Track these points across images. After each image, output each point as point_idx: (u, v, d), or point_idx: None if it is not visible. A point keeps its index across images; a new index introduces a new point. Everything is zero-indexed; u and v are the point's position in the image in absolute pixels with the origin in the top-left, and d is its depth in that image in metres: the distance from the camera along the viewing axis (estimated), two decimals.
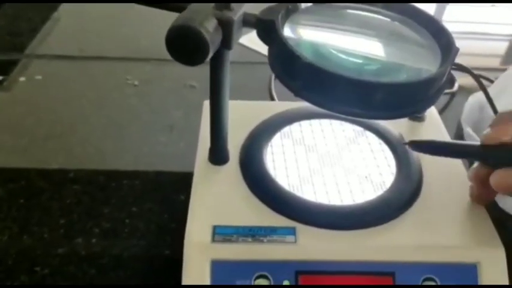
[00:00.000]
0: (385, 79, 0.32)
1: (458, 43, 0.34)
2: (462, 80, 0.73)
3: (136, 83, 0.68)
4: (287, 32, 0.35)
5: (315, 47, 0.34)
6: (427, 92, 0.32)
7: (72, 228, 0.51)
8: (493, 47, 0.87)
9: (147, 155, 0.59)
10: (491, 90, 0.65)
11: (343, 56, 0.33)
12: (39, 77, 0.68)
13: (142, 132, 0.62)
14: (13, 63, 0.70)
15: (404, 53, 0.35)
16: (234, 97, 0.67)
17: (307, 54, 0.32)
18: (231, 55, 0.36)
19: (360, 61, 0.33)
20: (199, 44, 0.31)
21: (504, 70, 0.66)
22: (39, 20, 0.81)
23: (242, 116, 0.46)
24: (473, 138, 0.60)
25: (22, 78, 0.67)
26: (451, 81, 0.73)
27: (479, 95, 0.66)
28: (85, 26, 0.81)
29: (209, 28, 0.31)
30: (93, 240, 0.50)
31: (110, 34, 0.78)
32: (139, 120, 0.63)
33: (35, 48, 0.74)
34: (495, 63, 0.85)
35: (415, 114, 0.31)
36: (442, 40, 0.35)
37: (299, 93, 0.32)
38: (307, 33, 0.35)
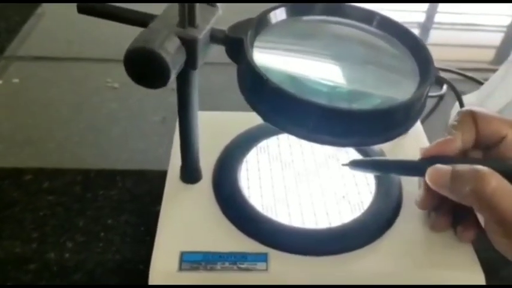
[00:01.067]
0: (357, 104, 0.30)
1: (451, 34, 0.32)
2: (451, 79, 0.71)
3: (116, 85, 0.66)
4: (256, 51, 0.32)
5: (285, 70, 0.32)
6: (403, 117, 0.31)
7: (45, 242, 0.49)
8: (487, 39, 0.85)
9: (125, 162, 0.57)
10: (480, 92, 0.64)
11: (314, 79, 0.31)
12: (17, 80, 0.66)
13: (121, 137, 0.60)
14: None
15: (379, 76, 0.33)
16: (220, 100, 0.65)
17: (276, 76, 0.31)
18: (218, 56, 0.34)
19: (332, 84, 0.31)
20: (159, 68, 0.29)
21: (495, 70, 0.64)
22: (19, 20, 0.79)
23: (219, 128, 0.44)
24: None
25: None
26: (440, 83, 0.71)
27: (468, 98, 0.64)
28: (65, 27, 0.79)
29: (170, 49, 0.29)
30: (67, 255, 0.48)
31: (91, 35, 0.75)
32: (119, 125, 0.61)
33: (13, 50, 0.71)
34: (490, 55, 0.83)
35: (390, 140, 0.30)
36: (421, 58, 0.33)
37: (267, 117, 0.31)
38: (277, 53, 0.33)
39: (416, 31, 0.81)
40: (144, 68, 0.29)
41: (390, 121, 0.30)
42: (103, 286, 0.41)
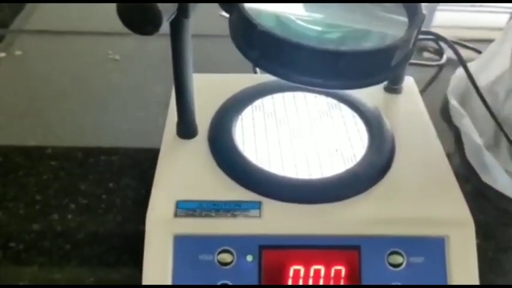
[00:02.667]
0: (345, 47, 0.31)
1: (456, 15, 0.32)
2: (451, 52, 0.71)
3: (117, 57, 0.67)
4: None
5: (274, 17, 0.33)
6: (390, 61, 0.31)
7: (48, 204, 0.51)
8: (493, 20, 0.84)
9: (126, 131, 0.58)
10: (480, 61, 0.64)
11: (303, 24, 0.32)
12: (19, 53, 0.67)
13: (122, 108, 0.61)
14: None
15: (368, 21, 0.33)
16: (216, 72, 0.66)
17: (267, 23, 0.31)
18: (214, 28, 0.35)
19: (320, 29, 0.32)
20: (151, 13, 0.29)
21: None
22: None
23: (214, 89, 0.45)
24: (458, 111, 0.58)
25: (2, 54, 0.66)
26: (439, 53, 0.71)
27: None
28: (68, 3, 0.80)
29: None
30: (69, 216, 0.50)
31: (92, 8, 0.76)
32: (120, 96, 0.62)
33: (18, 25, 0.73)
34: (496, 36, 0.82)
35: (377, 84, 0.30)
36: (410, 7, 0.34)
37: (257, 63, 0.31)
38: (268, 1, 0.34)
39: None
40: (136, 13, 0.29)
41: (376, 63, 0.30)
42: (103, 286, 0.42)
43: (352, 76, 0.30)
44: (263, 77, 0.47)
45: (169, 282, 0.34)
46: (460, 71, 0.64)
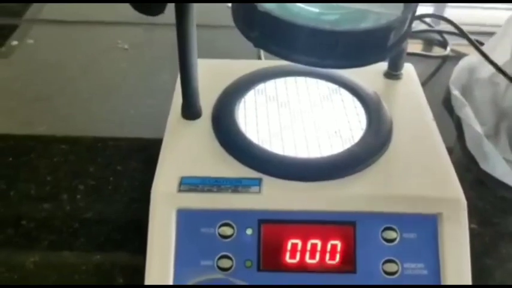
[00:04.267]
0: (341, 28, 0.32)
1: (464, 12, 0.33)
2: (455, 44, 0.72)
3: (126, 46, 0.69)
4: None
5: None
6: (385, 42, 0.32)
7: (58, 185, 0.52)
8: (495, 15, 0.85)
9: (134, 116, 0.60)
10: (484, 49, 0.65)
11: (302, 6, 0.33)
12: (31, 41, 0.69)
13: (130, 95, 0.63)
14: (8, 28, 0.71)
15: (366, 3, 0.34)
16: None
17: (266, 5, 0.33)
18: (219, 19, 0.36)
19: (318, 10, 0.33)
20: None
21: None
22: None
23: (218, 73, 0.46)
24: (460, 101, 0.59)
25: (14, 42, 0.68)
26: (443, 44, 0.72)
27: (470, 59, 0.65)
28: None
29: None
30: (78, 197, 0.52)
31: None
32: (128, 84, 0.64)
33: (31, 14, 0.74)
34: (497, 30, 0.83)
35: (373, 63, 0.32)
36: None
37: (257, 42, 0.33)
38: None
39: (430, 9, 0.81)
40: None
41: (372, 43, 0.32)
42: (103, 286, 0.43)
43: (348, 56, 0.32)
44: (266, 63, 0.48)
45: (172, 253, 0.36)
46: (462, 62, 0.65)
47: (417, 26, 0.75)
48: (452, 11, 0.81)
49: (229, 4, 0.37)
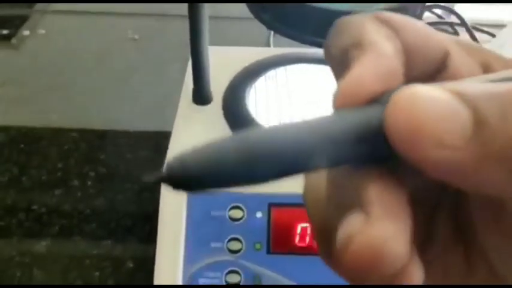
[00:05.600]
0: (353, 9, 0.32)
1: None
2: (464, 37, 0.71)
3: (136, 37, 0.69)
4: None
5: None
6: None
7: (69, 172, 0.53)
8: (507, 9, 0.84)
9: (144, 105, 0.60)
10: (492, 45, 0.64)
11: None
12: (43, 32, 0.69)
13: (140, 84, 0.63)
14: (19, 18, 0.71)
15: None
16: None
17: None
18: (231, 11, 0.36)
19: None
20: None
21: None
22: None
23: (230, 60, 0.47)
24: None
25: (26, 32, 0.69)
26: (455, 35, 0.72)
27: None
28: None
29: None
30: (89, 183, 0.52)
31: None
32: (138, 73, 0.64)
33: (42, 5, 0.75)
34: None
35: None
36: None
37: (270, 24, 0.33)
38: None
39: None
40: None
41: None
42: (103, 286, 0.44)
43: None
44: (276, 50, 0.49)
45: (183, 235, 0.36)
46: None
47: (427, 18, 0.75)
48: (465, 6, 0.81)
49: None
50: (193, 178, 0.12)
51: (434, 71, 0.15)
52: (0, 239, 0.47)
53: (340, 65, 0.14)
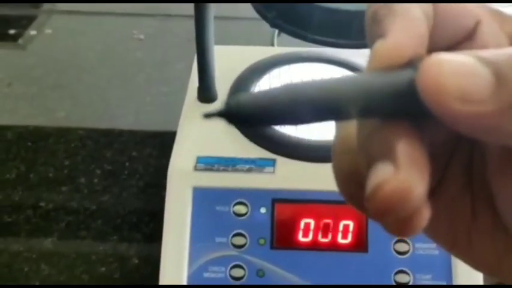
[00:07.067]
0: (356, 8, 0.33)
1: None
2: None
3: (142, 37, 0.70)
4: None
5: None
6: None
7: (75, 169, 0.54)
8: None
9: (149, 104, 0.61)
10: None
11: None
12: (49, 31, 0.70)
13: (145, 83, 0.64)
14: (26, 19, 0.72)
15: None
16: None
17: None
18: (236, 12, 0.37)
19: None
20: None
21: None
22: None
23: (234, 59, 0.47)
24: None
25: (33, 32, 0.70)
26: None
27: None
28: None
29: None
30: (95, 180, 0.53)
31: None
32: (143, 72, 0.65)
33: (49, 5, 0.76)
34: None
35: None
36: None
37: (274, 23, 0.34)
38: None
39: None
40: None
41: None
42: (104, 286, 0.44)
43: (364, 36, 0.32)
44: (280, 49, 0.49)
45: (188, 230, 0.36)
46: None
47: None
48: None
49: None
50: (248, 114, 0.13)
51: (464, 37, 0.16)
52: (8, 235, 0.48)
53: (373, 24, 0.16)
